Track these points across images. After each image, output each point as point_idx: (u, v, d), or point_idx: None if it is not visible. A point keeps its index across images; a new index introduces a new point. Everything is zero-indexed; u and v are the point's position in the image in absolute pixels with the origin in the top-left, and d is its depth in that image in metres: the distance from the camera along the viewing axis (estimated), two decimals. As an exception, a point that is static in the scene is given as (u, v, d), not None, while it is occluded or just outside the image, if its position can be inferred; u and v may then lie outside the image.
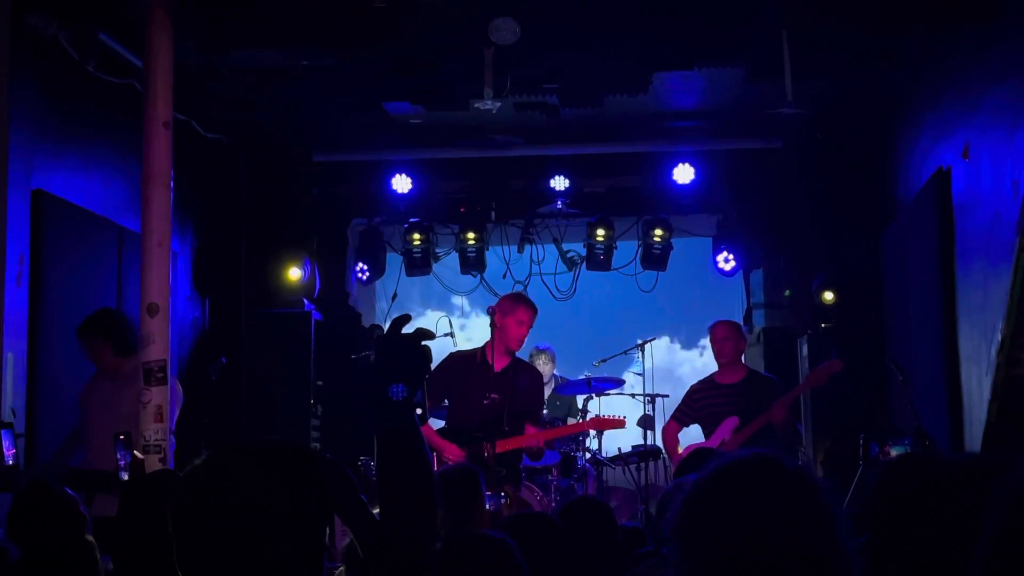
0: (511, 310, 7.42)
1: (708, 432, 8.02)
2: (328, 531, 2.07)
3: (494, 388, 7.22)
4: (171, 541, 1.95)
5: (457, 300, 12.44)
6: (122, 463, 5.54)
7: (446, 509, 4.79)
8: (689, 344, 13.78)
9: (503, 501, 6.64)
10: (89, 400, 6.62)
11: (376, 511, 2.23)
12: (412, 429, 2.22)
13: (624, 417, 8.83)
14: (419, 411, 2.26)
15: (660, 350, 13.55)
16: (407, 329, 2.29)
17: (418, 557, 2.16)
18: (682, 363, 13.31)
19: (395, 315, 2.44)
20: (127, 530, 2.97)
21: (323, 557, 2.00)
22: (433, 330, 2.40)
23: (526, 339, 7.59)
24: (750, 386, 8.01)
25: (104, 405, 6.51)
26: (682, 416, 8.22)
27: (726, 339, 8.08)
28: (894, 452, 7.15)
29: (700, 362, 8.93)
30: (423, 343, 2.28)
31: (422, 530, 2.19)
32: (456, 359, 7.62)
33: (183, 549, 1.94)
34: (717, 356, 8.11)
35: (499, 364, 7.36)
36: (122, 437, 5.60)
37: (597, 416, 8.64)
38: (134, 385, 6.31)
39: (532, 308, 7.56)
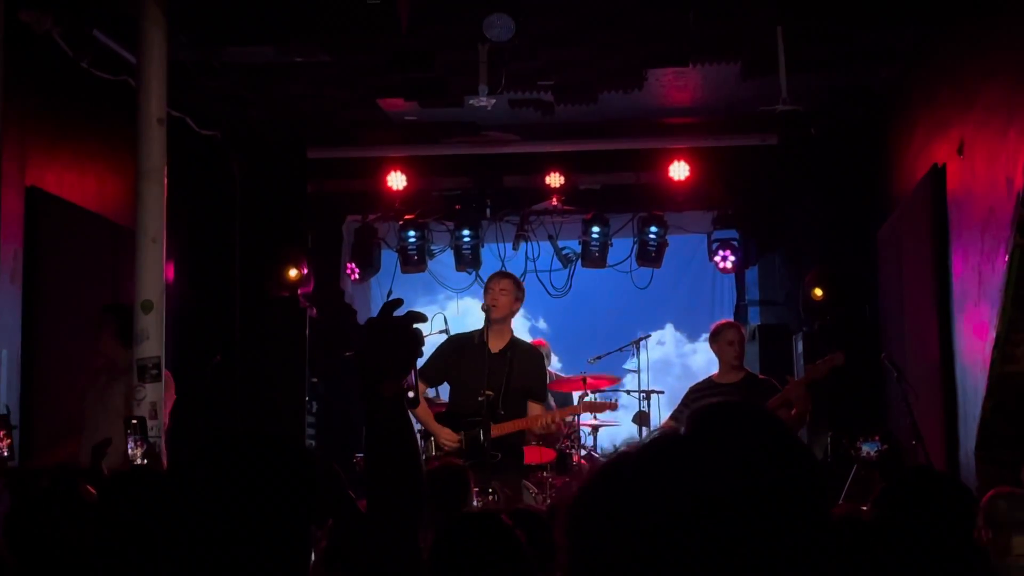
0: (495, 284, 7.44)
1: None
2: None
3: (491, 370, 7.21)
4: (154, 532, 1.95)
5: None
6: (133, 448, 5.52)
7: (434, 508, 4.78)
8: (688, 340, 13.76)
9: (491, 498, 6.62)
10: (86, 394, 6.62)
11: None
12: (402, 418, 2.20)
13: (616, 400, 8.84)
14: (411, 394, 2.23)
15: (669, 343, 13.57)
16: (398, 313, 2.26)
17: (404, 548, 2.14)
18: (687, 355, 13.31)
19: None
20: (111, 522, 2.97)
21: (308, 548, 1.99)
22: (427, 327, 2.37)
23: (516, 308, 7.48)
24: (749, 387, 7.95)
25: (99, 399, 6.51)
26: (680, 416, 8.17)
27: (741, 342, 8.00)
28: (865, 450, 7.18)
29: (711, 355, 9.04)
30: (415, 326, 2.23)
31: (408, 520, 2.17)
32: (455, 341, 7.64)
33: (167, 540, 1.94)
34: (731, 359, 7.96)
35: (497, 346, 7.38)
36: (134, 422, 5.59)
37: (587, 400, 8.64)
38: (126, 379, 6.33)
39: (507, 276, 7.63)
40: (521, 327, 13.37)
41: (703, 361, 8.29)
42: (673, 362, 13.34)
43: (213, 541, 1.92)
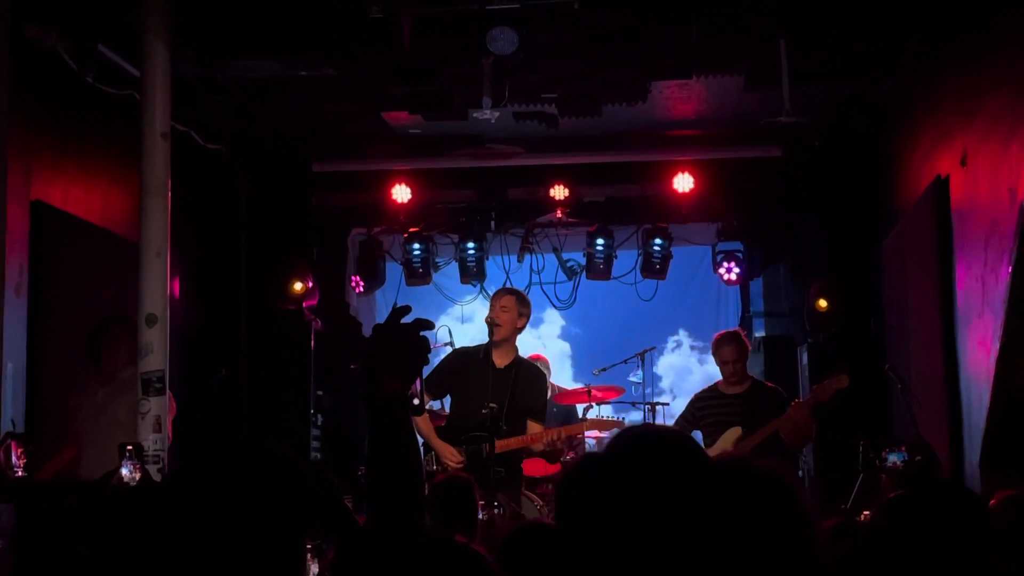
0: (496, 301, 7.46)
1: (710, 441, 7.92)
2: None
3: (496, 385, 7.23)
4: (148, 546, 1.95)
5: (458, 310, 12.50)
6: (130, 473, 5.54)
7: (438, 521, 4.77)
8: (701, 350, 13.76)
9: (496, 511, 6.62)
10: (81, 408, 6.62)
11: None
12: (405, 422, 2.19)
13: (623, 419, 8.85)
14: (415, 401, 2.23)
15: (685, 349, 13.59)
16: (406, 320, 2.25)
17: (404, 553, 2.13)
18: (702, 362, 13.31)
19: None
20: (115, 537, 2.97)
21: (302, 561, 1.99)
22: (433, 339, 2.37)
23: (521, 325, 7.45)
24: (755, 396, 7.86)
25: (99, 413, 6.52)
26: (685, 424, 8.09)
27: (736, 361, 7.87)
28: (891, 459, 7.16)
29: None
30: (422, 333, 2.23)
31: (410, 527, 2.16)
32: (460, 355, 7.65)
33: (159, 554, 1.94)
34: (728, 377, 7.93)
35: (502, 361, 7.39)
36: (130, 448, 5.62)
37: (593, 419, 8.67)
38: (129, 392, 6.34)
39: (510, 292, 7.62)
40: (553, 331, 13.49)
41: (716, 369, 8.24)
42: (693, 368, 13.32)
43: (205, 553, 1.92)
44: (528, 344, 12.65)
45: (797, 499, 1.86)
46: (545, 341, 13.52)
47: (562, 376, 12.66)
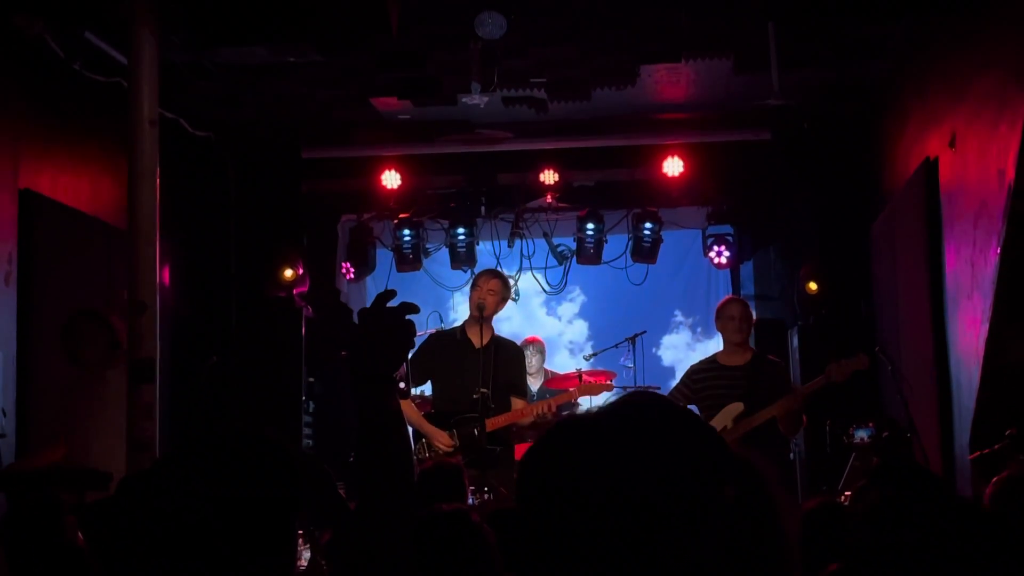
0: (484, 283, 7.57)
1: (708, 416, 7.63)
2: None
3: (477, 364, 7.33)
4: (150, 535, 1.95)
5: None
6: None
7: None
8: (683, 334, 13.78)
9: (487, 495, 6.65)
10: (72, 403, 6.58)
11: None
12: (394, 408, 2.20)
13: (611, 382, 8.87)
14: (402, 385, 2.24)
15: (681, 340, 13.63)
16: (391, 304, 2.26)
17: (396, 534, 2.14)
18: (696, 345, 13.33)
19: None
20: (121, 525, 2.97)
21: (293, 545, 1.99)
22: (423, 327, 2.38)
23: (501, 308, 7.75)
24: (757, 369, 7.67)
25: (90, 403, 6.49)
26: (679, 396, 7.80)
27: (744, 318, 7.77)
28: (858, 435, 7.20)
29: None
30: (407, 317, 2.24)
31: (400, 514, 2.17)
32: (438, 339, 7.75)
33: (152, 540, 1.94)
34: (733, 334, 7.75)
35: (481, 342, 7.51)
36: None
37: (583, 383, 8.65)
38: (114, 384, 6.35)
39: (497, 276, 7.80)
40: (572, 310, 13.53)
41: (716, 348, 8.19)
42: (695, 345, 13.35)
43: (199, 547, 1.93)
44: (545, 324, 12.72)
45: (767, 489, 1.75)
46: (564, 323, 13.55)
47: (578, 356, 12.70)
